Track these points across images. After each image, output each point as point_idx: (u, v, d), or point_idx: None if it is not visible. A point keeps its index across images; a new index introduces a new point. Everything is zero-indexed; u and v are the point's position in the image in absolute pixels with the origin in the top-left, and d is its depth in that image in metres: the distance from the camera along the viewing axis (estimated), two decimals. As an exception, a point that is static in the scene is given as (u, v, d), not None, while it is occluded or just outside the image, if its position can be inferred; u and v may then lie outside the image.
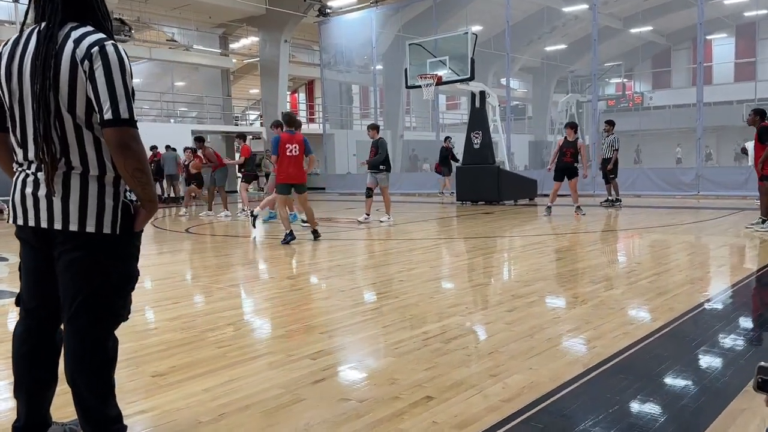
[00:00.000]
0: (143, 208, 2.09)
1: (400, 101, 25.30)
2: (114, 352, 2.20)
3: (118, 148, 1.94)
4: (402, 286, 5.49)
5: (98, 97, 1.92)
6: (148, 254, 8.09)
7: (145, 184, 2.02)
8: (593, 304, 4.62)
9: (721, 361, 3.32)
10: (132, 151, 1.94)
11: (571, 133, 11.31)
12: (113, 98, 1.91)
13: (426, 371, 3.21)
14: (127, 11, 21.40)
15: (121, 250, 2.10)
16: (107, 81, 1.92)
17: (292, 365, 3.32)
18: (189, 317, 4.45)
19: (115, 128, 1.92)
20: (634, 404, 2.73)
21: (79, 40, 1.95)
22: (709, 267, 6.18)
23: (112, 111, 1.91)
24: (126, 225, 2.07)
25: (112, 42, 2.00)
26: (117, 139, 1.93)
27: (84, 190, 2.01)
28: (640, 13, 26.38)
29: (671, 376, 3.06)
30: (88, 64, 1.92)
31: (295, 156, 7.91)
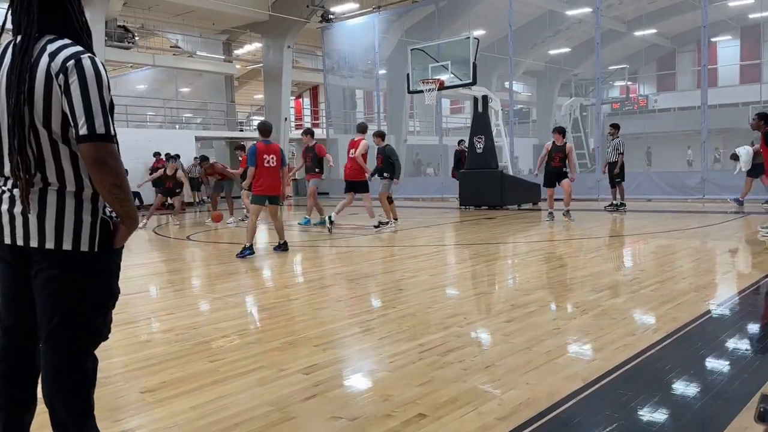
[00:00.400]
0: (123, 225, 2.04)
1: (404, 106, 25.26)
2: (93, 372, 2.13)
3: (95, 164, 1.89)
4: (401, 296, 5.42)
5: (74, 112, 1.87)
6: (146, 263, 8.06)
7: (123, 201, 1.97)
8: (594, 313, 4.53)
9: (724, 375, 3.23)
10: (108, 167, 1.90)
11: (559, 138, 11.01)
12: (89, 113, 1.87)
13: (420, 386, 3.13)
14: (130, 18, 21.48)
15: (99, 267, 2.04)
16: (83, 95, 1.87)
17: (283, 380, 3.25)
18: (183, 329, 4.39)
19: (91, 144, 1.87)
20: (634, 421, 2.64)
21: (55, 53, 1.91)
22: (713, 274, 6.08)
23: (87, 126, 1.86)
24: (105, 242, 2.02)
25: (89, 55, 1.95)
26: (93, 154, 1.88)
27: (61, 207, 1.96)
28: (645, 16, 26.25)
29: (673, 391, 2.98)
30: (63, 78, 1.87)
31: (273, 167, 7.77)
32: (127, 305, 5.23)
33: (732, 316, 4.52)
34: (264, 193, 7.79)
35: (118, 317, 4.73)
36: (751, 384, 3.05)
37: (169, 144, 20.11)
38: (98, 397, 3.02)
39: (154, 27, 23.90)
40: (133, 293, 5.75)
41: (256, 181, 7.74)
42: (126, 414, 2.85)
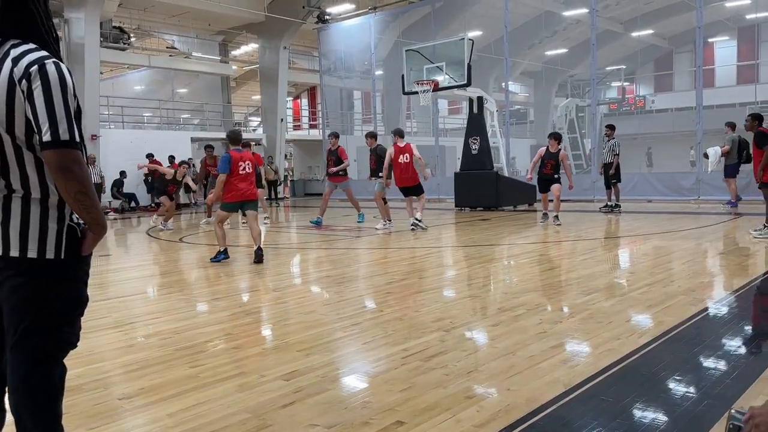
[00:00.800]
0: (90, 232, 2.00)
1: (401, 107, 25.23)
2: (61, 382, 2.10)
3: (59, 171, 1.86)
4: (388, 299, 5.40)
5: (37, 119, 1.84)
6: (136, 266, 8.03)
7: (89, 208, 1.94)
8: (581, 317, 4.51)
9: (708, 380, 3.21)
10: (73, 173, 1.86)
11: (554, 145, 10.74)
12: (52, 119, 1.84)
13: (401, 393, 3.11)
14: (126, 19, 21.45)
15: (66, 274, 2.01)
16: (46, 101, 1.84)
17: (263, 387, 3.23)
18: (167, 333, 4.37)
19: (55, 150, 1.84)
20: (613, 428, 2.62)
21: (18, 58, 1.87)
22: (703, 276, 6.06)
23: (51, 133, 1.83)
24: (72, 249, 1.99)
25: (54, 60, 1.91)
26: (57, 161, 1.85)
27: (25, 214, 1.93)
28: (642, 17, 26.25)
29: (655, 397, 2.95)
30: (26, 83, 1.84)
31: (248, 173, 7.72)
32: (112, 309, 5.21)
33: (719, 320, 4.50)
34: (239, 200, 7.70)
35: (102, 322, 4.73)
36: (734, 388, 3.03)
37: (166, 145, 20.11)
38: (74, 403, 3.02)
39: (150, 28, 23.87)
40: (119, 297, 5.73)
41: (228, 189, 7.62)
42: (101, 422, 2.83)
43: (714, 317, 4.52)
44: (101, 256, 9.01)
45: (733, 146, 12.21)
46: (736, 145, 12.20)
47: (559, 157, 10.74)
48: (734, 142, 12.25)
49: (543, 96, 32.04)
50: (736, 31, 29.31)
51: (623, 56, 31.37)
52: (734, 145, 12.20)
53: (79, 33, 17.69)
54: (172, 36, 24.98)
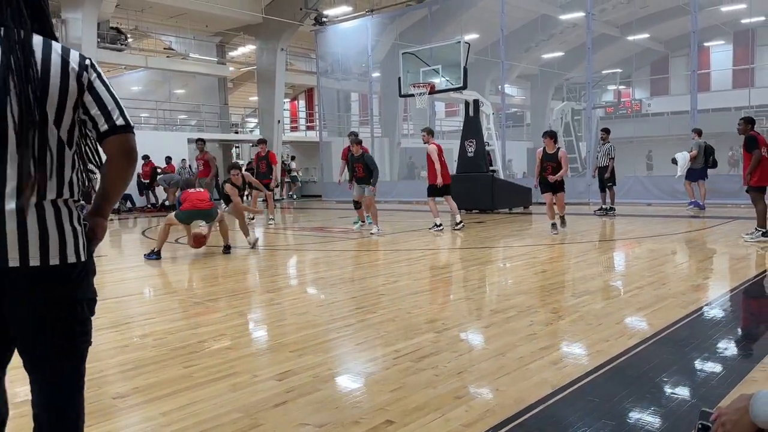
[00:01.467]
0: (103, 217, 1.94)
1: (398, 109, 25.29)
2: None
3: (128, 154, 1.87)
4: (382, 301, 5.44)
5: (104, 107, 1.85)
6: (131, 266, 8.06)
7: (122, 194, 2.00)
8: (571, 319, 4.56)
9: (692, 384, 3.26)
10: (135, 157, 1.90)
11: (551, 144, 9.84)
12: (119, 106, 1.88)
13: (391, 393, 3.16)
14: (123, 20, 21.47)
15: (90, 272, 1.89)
16: (107, 90, 1.88)
17: (255, 387, 3.27)
18: (161, 334, 4.41)
19: (126, 135, 1.86)
20: (598, 428, 2.67)
21: (66, 52, 1.83)
22: (694, 280, 6.12)
23: (122, 118, 1.87)
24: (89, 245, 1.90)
25: None
26: (128, 145, 1.87)
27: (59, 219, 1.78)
28: (638, 21, 26.34)
29: (641, 398, 3.00)
30: (87, 75, 1.84)
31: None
32: (106, 310, 5.24)
33: (708, 322, 4.55)
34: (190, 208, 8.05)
35: (97, 322, 4.73)
36: (719, 390, 3.09)
37: (162, 146, 20.13)
38: (69, 402, 3.05)
39: (147, 29, 23.88)
40: (115, 297, 5.77)
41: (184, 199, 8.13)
42: (95, 420, 2.86)
43: (703, 320, 4.58)
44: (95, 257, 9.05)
45: (699, 151, 12.84)
46: (702, 150, 12.85)
47: (559, 156, 9.83)
48: (700, 147, 12.93)
49: (539, 99, 32.13)
50: (731, 36, 29.43)
51: (619, 60, 31.45)
52: (700, 150, 12.86)
53: (77, 33, 17.71)
54: (170, 37, 25.00)
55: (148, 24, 23.17)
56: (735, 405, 1.31)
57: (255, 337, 4.44)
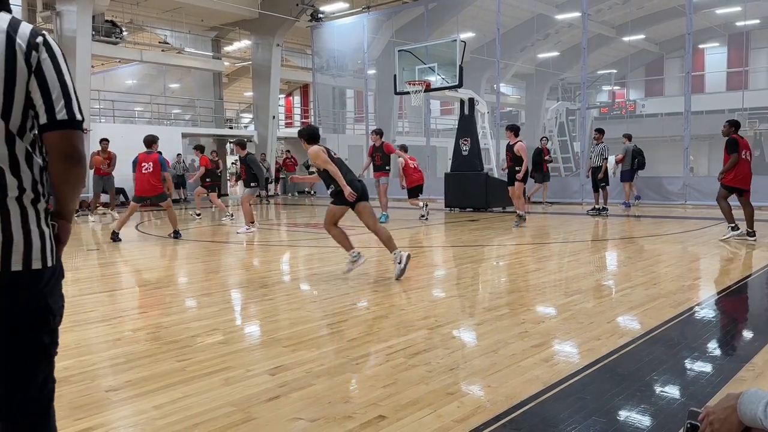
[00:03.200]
0: (66, 220, 1.75)
1: (393, 106, 25.29)
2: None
3: (71, 155, 1.63)
4: (375, 297, 5.46)
5: (48, 95, 1.60)
6: (125, 260, 8.04)
7: (78, 196, 1.76)
8: (563, 317, 4.59)
9: (681, 383, 3.29)
10: (82, 158, 1.66)
11: (511, 137, 11.10)
12: (67, 96, 1.61)
13: (384, 388, 3.17)
14: (119, 13, 21.36)
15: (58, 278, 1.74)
16: (58, 75, 1.61)
17: (249, 381, 3.28)
18: (155, 328, 4.41)
19: (69, 132, 1.62)
20: (588, 425, 2.70)
21: (14, 27, 1.59)
22: (685, 280, 6.16)
23: (66, 111, 1.60)
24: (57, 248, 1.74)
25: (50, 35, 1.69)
26: (71, 143, 1.63)
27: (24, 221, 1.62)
28: (634, 22, 26.44)
29: (631, 396, 3.03)
30: (36, 54, 1.59)
31: (150, 172, 9.47)
32: (99, 303, 5.24)
33: (698, 322, 4.59)
34: (142, 195, 9.67)
35: (90, 315, 4.76)
36: (708, 388, 3.12)
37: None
38: (61, 395, 3.05)
39: (142, 22, 23.77)
40: (108, 291, 5.76)
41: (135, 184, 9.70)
42: (87, 413, 2.87)
43: (693, 320, 4.61)
44: (90, 250, 9.02)
45: (627, 155, 14.12)
46: (630, 154, 14.04)
47: (515, 149, 10.99)
48: (628, 151, 14.16)
49: (534, 98, 32.20)
50: (726, 38, 29.58)
51: (614, 60, 31.59)
52: (627, 154, 14.09)
53: (71, 26, 17.61)
54: (165, 31, 24.89)
55: (144, 18, 23.07)
56: (723, 404, 1.33)
57: (248, 331, 4.44)
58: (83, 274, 6.97)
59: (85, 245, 9.72)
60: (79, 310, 4.95)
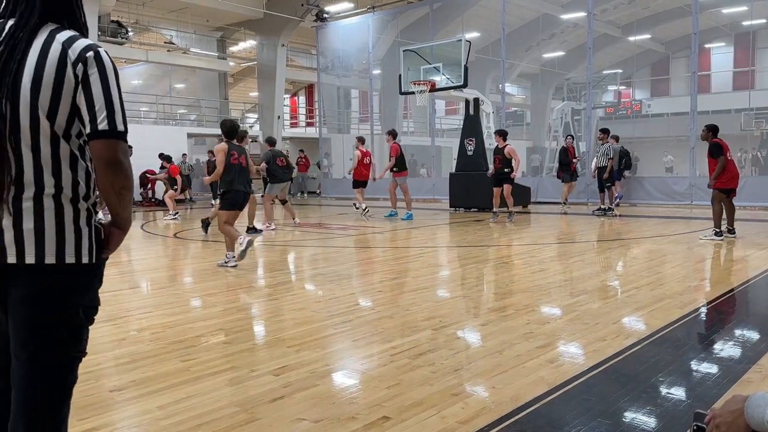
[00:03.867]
0: (118, 228, 1.84)
1: (398, 106, 25.28)
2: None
3: (112, 163, 1.73)
4: (380, 297, 5.45)
5: (92, 106, 1.72)
6: (130, 260, 8.06)
7: (127, 204, 1.83)
8: (569, 318, 4.57)
9: (687, 384, 3.27)
10: (124, 167, 1.76)
11: (500, 141, 11.83)
12: (110, 107, 1.73)
13: (388, 389, 3.16)
14: (124, 14, 21.44)
15: (93, 278, 1.81)
16: (104, 88, 1.73)
17: (253, 381, 3.28)
18: (160, 327, 4.41)
19: (111, 141, 1.72)
20: (593, 428, 2.68)
21: (70, 42, 1.73)
22: (691, 281, 6.13)
23: (108, 122, 1.71)
24: (99, 250, 1.81)
25: (105, 49, 1.80)
26: (112, 152, 1.73)
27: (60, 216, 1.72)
28: (639, 21, 26.33)
29: (634, 400, 3.01)
30: (83, 67, 1.71)
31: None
32: (105, 303, 5.23)
33: (704, 323, 4.57)
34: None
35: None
36: (714, 390, 3.10)
37: (161, 141, 20.11)
38: (66, 395, 3.06)
39: (148, 23, 23.85)
40: (113, 291, 5.77)
41: None
42: (92, 413, 2.87)
43: (699, 320, 4.59)
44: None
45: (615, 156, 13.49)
46: (617, 155, 13.46)
47: (505, 151, 11.70)
48: (615, 152, 13.73)
49: (540, 98, 32.13)
50: (732, 38, 29.43)
51: (620, 60, 31.44)
52: (615, 155, 13.47)
53: (77, 26, 17.68)
54: (170, 31, 24.96)
55: (149, 18, 23.14)
56: (729, 407, 1.31)
57: (253, 332, 4.44)
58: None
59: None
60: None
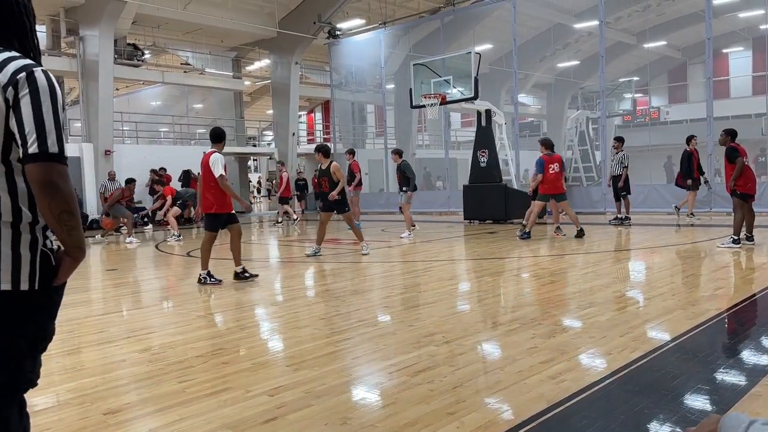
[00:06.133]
0: (68, 256, 1.79)
1: (412, 120, 25.30)
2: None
3: (45, 187, 1.67)
4: (384, 313, 5.39)
5: (23, 129, 1.67)
6: (138, 280, 8.10)
7: (72, 229, 1.75)
8: (575, 332, 4.47)
9: (693, 400, 3.16)
10: (60, 190, 1.68)
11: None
12: (41, 130, 1.67)
13: (383, 409, 3.11)
14: (141, 36, 21.81)
15: (37, 307, 1.76)
16: (35, 110, 1.68)
17: (247, 402, 3.24)
18: (160, 348, 4.40)
19: (43, 164, 1.66)
20: (589, 447, 2.60)
21: (2, 65, 1.71)
22: (704, 290, 5.98)
23: (38, 144, 1.65)
24: (46, 278, 1.77)
25: (42, 68, 1.75)
26: (43, 176, 1.67)
27: None
28: (655, 28, 26.13)
29: (635, 419, 2.91)
30: (13, 91, 1.68)
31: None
32: (109, 324, 5.27)
33: (714, 337, 4.44)
34: None
35: (97, 336, 4.78)
36: (721, 405, 2.99)
37: (179, 160, 20.36)
38: (60, 419, 3.06)
39: (164, 44, 24.23)
40: (117, 311, 5.80)
41: None
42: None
43: (709, 333, 4.46)
44: (107, 271, 9.11)
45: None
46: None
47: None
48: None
49: (556, 108, 31.95)
50: (750, 42, 29.04)
51: (636, 67, 31.18)
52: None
53: (94, 50, 18.03)
54: (186, 52, 25.33)
55: (165, 40, 23.51)
56: (703, 428, 1.25)
57: (253, 351, 4.40)
58: (95, 295, 7.05)
59: (106, 265, 9.84)
60: (87, 331, 4.99)
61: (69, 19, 18.34)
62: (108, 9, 17.55)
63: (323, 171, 9.48)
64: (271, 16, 22.06)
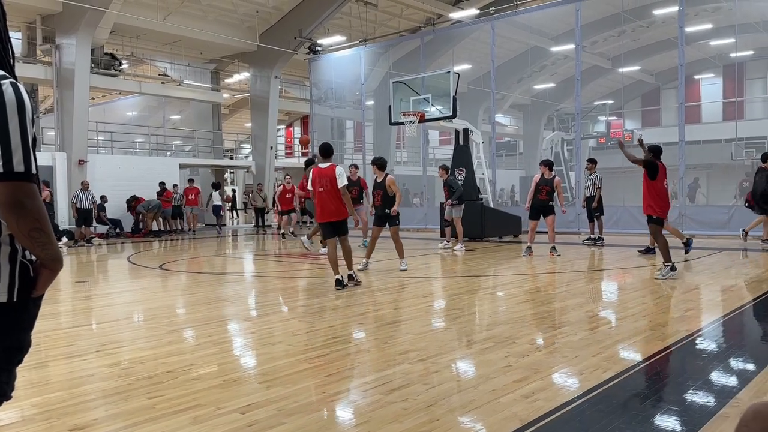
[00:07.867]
0: (46, 268, 1.77)
1: (391, 136, 25.42)
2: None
3: (11, 206, 1.65)
4: (360, 330, 5.37)
5: None
6: (111, 292, 7.96)
7: (44, 245, 1.72)
8: (548, 351, 4.50)
9: (662, 421, 3.20)
10: (26, 209, 1.65)
11: (547, 171, 11.20)
12: (6, 148, 1.62)
13: (356, 427, 3.09)
14: (119, 46, 21.64)
15: (15, 319, 1.76)
16: (0, 128, 1.63)
17: (217, 420, 3.19)
18: (130, 363, 4.32)
19: (7, 183, 1.63)
20: (561, 467, 2.60)
21: None
22: (675, 312, 6.07)
23: (3, 163, 1.62)
24: (24, 290, 1.76)
25: (11, 81, 1.70)
26: (9, 196, 1.64)
27: None
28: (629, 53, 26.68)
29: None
30: None
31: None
32: (78, 337, 5.16)
33: (684, 357, 4.49)
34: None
35: (65, 350, 4.68)
36: (690, 425, 3.02)
37: (153, 171, 20.16)
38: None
39: (143, 55, 24.06)
40: (87, 325, 5.68)
41: None
42: (46, 453, 2.78)
43: (679, 354, 4.52)
44: (77, 282, 8.94)
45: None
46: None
47: (554, 183, 11.11)
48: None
49: (532, 129, 32.42)
50: (721, 69, 29.85)
51: (611, 91, 31.84)
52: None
53: (70, 59, 17.83)
54: (165, 63, 25.17)
55: (143, 50, 23.35)
56: None
57: (225, 367, 4.35)
58: (67, 306, 6.90)
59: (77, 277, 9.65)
60: (56, 344, 4.88)
61: (45, 26, 18.13)
62: (86, 18, 17.39)
63: (378, 184, 9.54)
64: (252, 30, 22.08)
